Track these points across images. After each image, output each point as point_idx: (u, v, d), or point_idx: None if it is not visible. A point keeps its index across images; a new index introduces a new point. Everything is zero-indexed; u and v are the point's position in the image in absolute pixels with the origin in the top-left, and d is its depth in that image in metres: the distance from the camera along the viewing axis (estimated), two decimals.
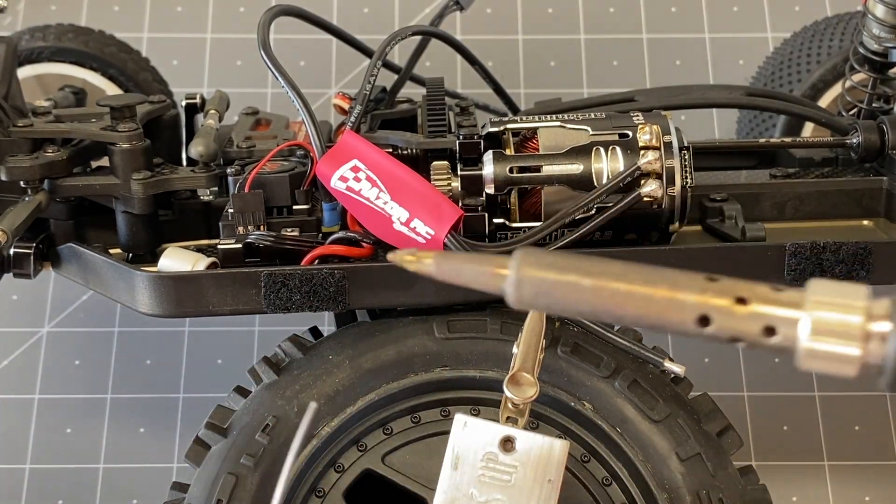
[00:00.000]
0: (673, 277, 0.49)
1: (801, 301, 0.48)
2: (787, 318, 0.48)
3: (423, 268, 0.53)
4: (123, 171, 0.99)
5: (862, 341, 0.47)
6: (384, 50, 1.02)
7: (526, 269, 0.49)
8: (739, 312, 0.48)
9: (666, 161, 0.91)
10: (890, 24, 1.03)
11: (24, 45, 1.25)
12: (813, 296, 0.48)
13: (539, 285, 0.49)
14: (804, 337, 0.47)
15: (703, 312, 0.48)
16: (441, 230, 0.88)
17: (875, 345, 0.47)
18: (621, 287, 0.49)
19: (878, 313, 0.48)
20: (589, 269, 0.49)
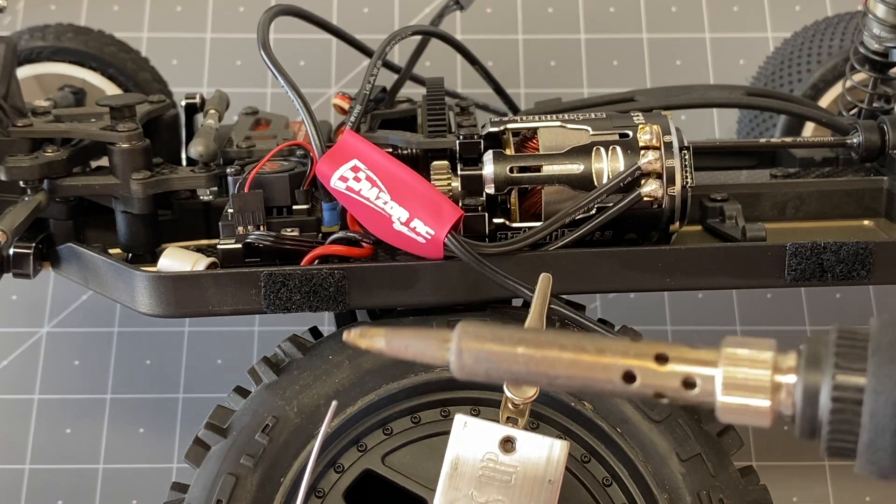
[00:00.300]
0: (600, 342, 0.53)
1: (716, 358, 0.51)
2: (703, 375, 0.51)
3: (373, 344, 0.57)
4: (123, 171, 0.99)
5: (770, 393, 0.50)
6: (384, 50, 1.02)
7: (466, 341, 0.54)
8: (660, 370, 0.51)
9: (666, 161, 0.91)
10: (890, 23, 1.03)
11: (23, 45, 1.24)
12: (725, 352, 0.51)
13: (478, 355, 0.53)
14: (719, 392, 0.51)
15: (628, 371, 0.52)
16: (441, 230, 0.88)
17: (783, 396, 0.50)
18: (552, 354, 0.53)
19: (785, 366, 0.50)
20: (523, 338, 0.53)
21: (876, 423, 0.48)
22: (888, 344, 0.49)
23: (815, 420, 0.50)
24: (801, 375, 0.50)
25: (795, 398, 0.50)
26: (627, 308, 1.33)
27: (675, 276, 0.93)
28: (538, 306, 0.75)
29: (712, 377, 0.51)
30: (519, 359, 0.53)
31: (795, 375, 0.50)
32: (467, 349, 0.54)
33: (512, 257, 0.91)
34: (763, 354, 0.51)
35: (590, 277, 0.92)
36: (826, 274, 0.92)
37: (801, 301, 1.34)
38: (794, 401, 0.50)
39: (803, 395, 0.50)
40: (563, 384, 0.53)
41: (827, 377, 0.49)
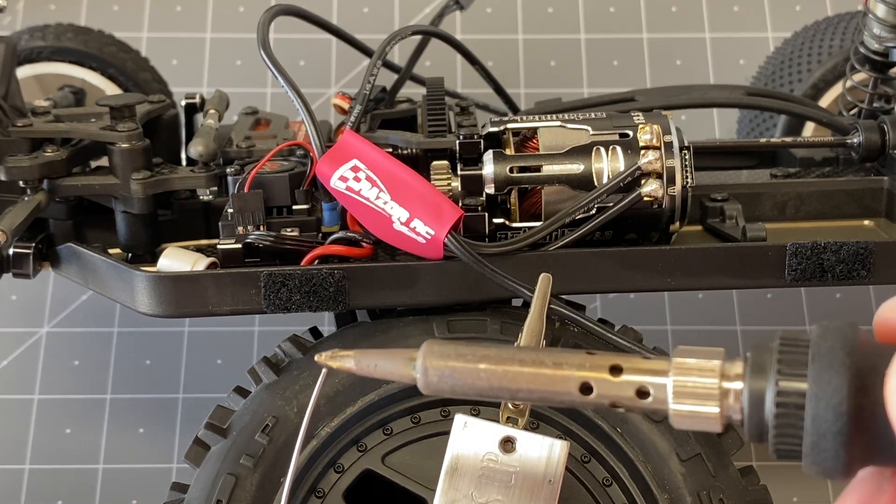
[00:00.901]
0: (557, 356, 0.56)
1: (667, 368, 0.54)
2: (656, 384, 0.54)
3: (343, 365, 0.61)
4: (123, 171, 0.98)
5: (719, 400, 0.53)
6: (384, 49, 1.02)
7: (430, 359, 0.57)
8: (615, 381, 0.54)
9: (666, 161, 0.91)
10: (891, 23, 1.03)
11: (23, 45, 1.24)
12: (675, 362, 0.54)
13: (442, 373, 0.57)
14: (670, 400, 0.53)
15: (585, 383, 0.55)
16: (441, 230, 0.88)
17: (732, 402, 0.53)
18: (513, 369, 0.56)
19: (732, 373, 0.53)
20: (485, 355, 0.56)
21: (817, 426, 0.50)
22: (827, 349, 0.51)
23: (763, 424, 0.52)
24: (747, 382, 0.52)
25: (743, 404, 0.52)
26: (627, 308, 1.33)
27: (676, 276, 0.92)
28: (538, 306, 0.75)
29: (664, 385, 0.54)
30: (481, 375, 0.56)
31: (742, 382, 0.53)
32: (432, 367, 0.57)
33: (512, 257, 0.90)
34: (711, 363, 0.54)
35: (590, 277, 0.92)
36: (826, 274, 0.92)
37: (802, 301, 1.34)
38: (742, 406, 0.52)
39: (749, 401, 0.52)
40: (524, 397, 0.56)
41: (771, 383, 0.52)
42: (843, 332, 0.52)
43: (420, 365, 0.57)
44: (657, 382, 0.54)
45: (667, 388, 0.54)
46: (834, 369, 0.50)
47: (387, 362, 0.59)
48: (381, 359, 0.60)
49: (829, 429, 0.50)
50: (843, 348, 0.51)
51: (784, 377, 0.51)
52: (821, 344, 0.52)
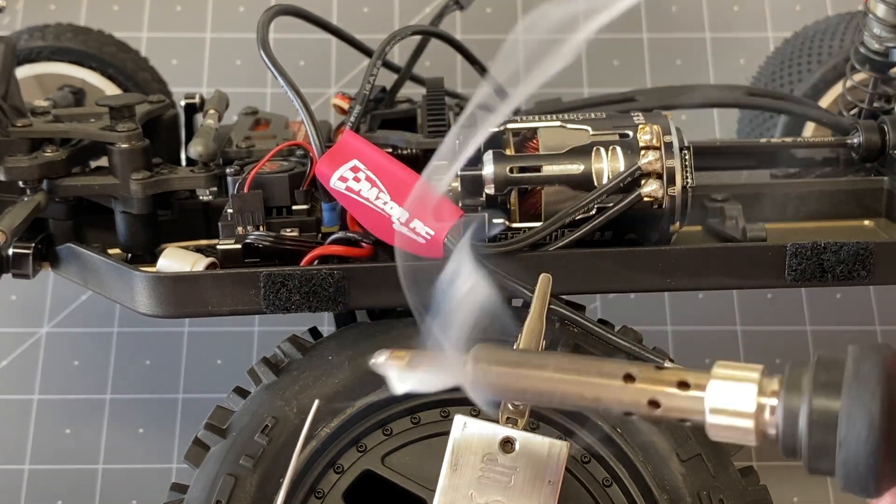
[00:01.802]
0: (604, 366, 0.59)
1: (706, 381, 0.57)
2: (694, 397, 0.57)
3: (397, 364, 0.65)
4: (122, 171, 0.98)
5: (755, 415, 0.55)
6: (384, 49, 1.02)
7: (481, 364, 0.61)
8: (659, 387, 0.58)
9: (666, 161, 0.91)
10: (891, 23, 1.03)
11: (22, 45, 1.24)
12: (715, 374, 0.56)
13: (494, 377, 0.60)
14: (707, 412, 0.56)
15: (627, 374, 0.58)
16: (441, 230, 0.88)
17: (767, 417, 0.55)
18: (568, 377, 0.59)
19: (769, 390, 0.55)
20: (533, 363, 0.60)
21: (849, 446, 0.51)
22: (863, 371, 0.52)
23: (796, 440, 0.53)
24: (782, 399, 0.54)
25: (777, 420, 0.54)
26: (627, 308, 1.33)
27: (676, 276, 0.92)
28: (538, 307, 0.75)
29: (701, 398, 0.56)
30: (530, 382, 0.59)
31: (777, 399, 0.54)
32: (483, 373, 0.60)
33: (512, 257, 0.90)
34: (749, 377, 0.56)
35: (590, 278, 0.92)
36: (826, 274, 0.92)
37: (802, 301, 1.34)
38: (777, 422, 0.54)
39: (784, 417, 0.54)
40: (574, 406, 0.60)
41: (805, 401, 0.53)
42: (880, 355, 0.53)
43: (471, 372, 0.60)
44: (695, 395, 0.56)
45: (704, 402, 0.55)
46: (869, 391, 0.51)
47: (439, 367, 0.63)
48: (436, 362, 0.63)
49: (861, 449, 0.51)
50: (878, 371, 0.52)
51: (819, 396, 0.53)
52: (857, 365, 0.52)
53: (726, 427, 0.55)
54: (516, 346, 0.74)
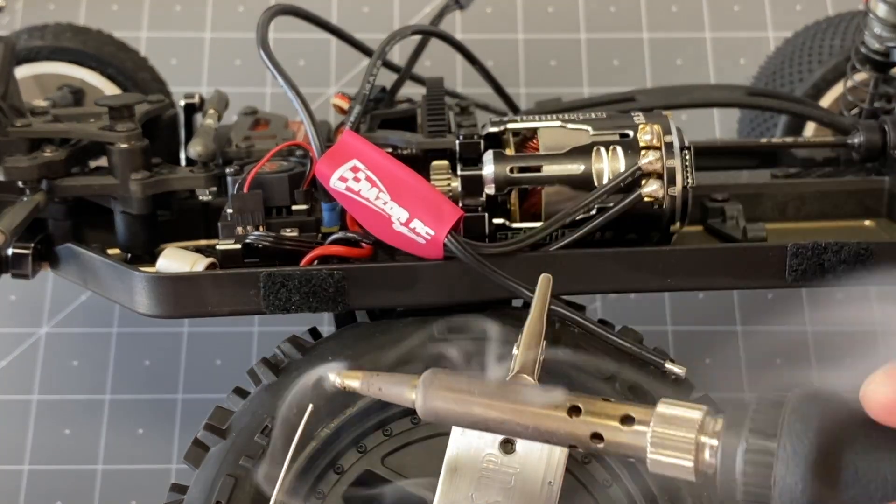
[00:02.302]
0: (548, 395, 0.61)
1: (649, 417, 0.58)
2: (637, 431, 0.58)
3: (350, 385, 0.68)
4: (122, 171, 0.98)
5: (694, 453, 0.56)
6: (384, 49, 1.02)
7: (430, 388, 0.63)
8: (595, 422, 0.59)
9: (667, 161, 0.91)
10: (892, 23, 1.03)
11: (22, 45, 1.24)
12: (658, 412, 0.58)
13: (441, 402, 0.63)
14: (648, 448, 0.57)
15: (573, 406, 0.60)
16: (441, 230, 0.88)
17: (707, 456, 0.56)
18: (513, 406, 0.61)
19: (710, 429, 0.56)
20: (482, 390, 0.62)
21: (782, 486, 0.52)
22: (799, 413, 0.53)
23: (733, 480, 0.55)
24: (722, 438, 0.55)
25: (716, 459, 0.56)
26: (628, 308, 1.33)
27: (676, 276, 0.92)
28: (538, 307, 0.75)
29: (644, 433, 0.57)
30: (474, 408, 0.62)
31: (717, 439, 0.56)
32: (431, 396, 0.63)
33: (512, 258, 0.90)
34: (692, 415, 0.57)
35: (590, 278, 0.92)
36: (827, 274, 0.92)
37: (802, 302, 1.33)
38: (716, 461, 0.56)
39: (722, 456, 0.55)
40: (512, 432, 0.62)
41: (743, 440, 0.54)
42: (817, 400, 0.54)
43: (420, 394, 0.62)
44: (638, 430, 0.58)
45: (646, 437, 0.57)
46: (804, 433, 0.52)
47: (390, 386, 0.65)
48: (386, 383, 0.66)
49: (794, 490, 0.52)
50: (814, 415, 0.53)
51: (756, 436, 0.54)
52: (794, 408, 0.54)
53: (666, 464, 0.57)
54: (516, 347, 0.74)
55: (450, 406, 0.62)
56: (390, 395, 0.65)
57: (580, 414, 0.60)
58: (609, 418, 0.59)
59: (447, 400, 0.62)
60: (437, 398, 0.62)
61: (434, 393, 0.62)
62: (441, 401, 0.62)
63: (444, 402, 0.62)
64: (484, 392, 0.62)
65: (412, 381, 0.63)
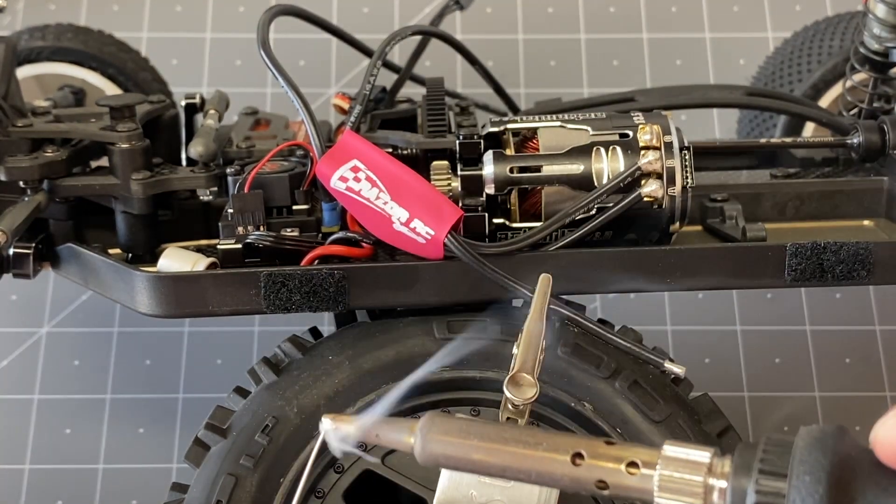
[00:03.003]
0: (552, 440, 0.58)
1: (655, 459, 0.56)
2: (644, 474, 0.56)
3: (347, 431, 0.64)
4: (123, 171, 0.98)
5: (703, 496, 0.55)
6: (384, 50, 1.02)
7: (429, 434, 0.60)
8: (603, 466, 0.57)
9: (666, 161, 0.91)
10: (891, 23, 1.03)
11: (23, 45, 1.24)
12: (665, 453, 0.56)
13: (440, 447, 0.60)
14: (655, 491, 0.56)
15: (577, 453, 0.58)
16: (441, 230, 0.88)
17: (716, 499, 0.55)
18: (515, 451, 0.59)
19: (719, 470, 0.55)
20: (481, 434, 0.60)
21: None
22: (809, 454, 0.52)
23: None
24: (731, 480, 0.54)
25: (725, 501, 0.55)
26: (627, 308, 1.33)
27: (676, 276, 0.92)
28: (538, 306, 0.75)
29: (651, 478, 0.56)
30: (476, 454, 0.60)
31: (726, 480, 0.55)
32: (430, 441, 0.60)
33: (512, 257, 0.90)
34: (700, 456, 0.56)
35: (590, 277, 0.92)
36: (826, 274, 0.92)
37: (802, 301, 1.34)
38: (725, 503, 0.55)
39: (732, 499, 0.54)
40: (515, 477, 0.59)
41: (752, 482, 0.53)
42: (826, 440, 0.53)
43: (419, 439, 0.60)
44: (645, 474, 0.56)
45: (653, 481, 0.56)
46: (815, 475, 0.51)
47: (387, 432, 0.62)
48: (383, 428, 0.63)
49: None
50: (825, 456, 0.52)
51: (766, 478, 0.53)
52: (804, 448, 0.53)
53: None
54: (516, 346, 0.74)
55: (449, 453, 0.60)
56: (388, 441, 0.63)
57: (583, 459, 0.58)
58: (614, 462, 0.57)
59: (446, 446, 0.60)
60: (435, 445, 0.61)
61: (433, 438, 0.60)
62: (440, 447, 0.60)
63: (443, 449, 0.60)
64: (484, 437, 0.60)
65: (411, 427, 0.62)
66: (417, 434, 0.61)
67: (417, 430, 0.61)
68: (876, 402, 1.27)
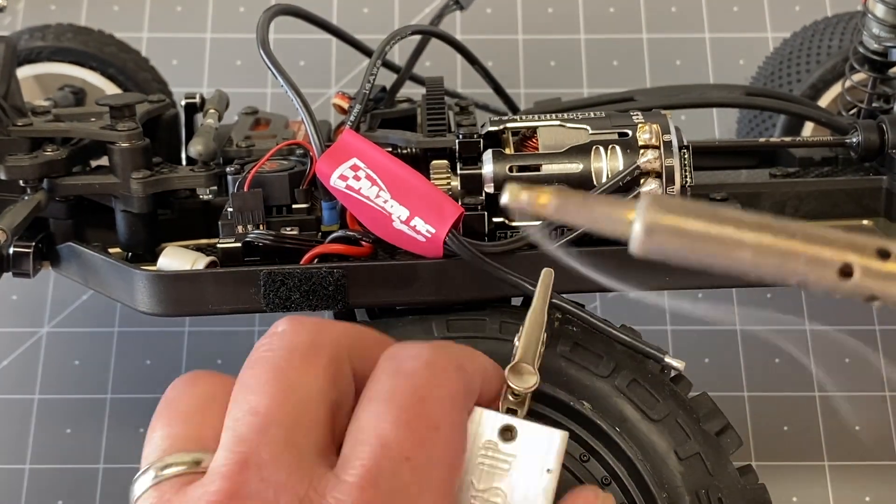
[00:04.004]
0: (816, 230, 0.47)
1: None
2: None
3: (539, 209, 0.50)
4: (123, 170, 0.99)
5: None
6: (384, 49, 1.02)
7: (657, 216, 0.47)
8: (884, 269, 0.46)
9: (665, 160, 0.91)
10: (890, 23, 1.03)
11: (23, 45, 1.24)
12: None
13: (669, 233, 0.47)
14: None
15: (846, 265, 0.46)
16: (442, 228, 0.88)
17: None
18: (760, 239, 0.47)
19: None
20: (724, 217, 0.47)
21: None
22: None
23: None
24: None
25: None
26: (627, 308, 1.33)
27: (675, 275, 0.93)
28: (540, 300, 0.76)
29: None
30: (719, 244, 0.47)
31: None
32: (658, 226, 0.47)
33: (512, 256, 0.91)
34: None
35: (589, 277, 0.92)
36: None
37: (802, 301, 1.34)
38: None
39: None
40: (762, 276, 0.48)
41: None
42: None
43: (641, 223, 0.47)
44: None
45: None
46: None
47: (599, 210, 0.49)
48: (593, 205, 0.49)
49: None
50: None
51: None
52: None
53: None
54: (517, 338, 0.74)
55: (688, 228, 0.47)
56: (596, 219, 0.49)
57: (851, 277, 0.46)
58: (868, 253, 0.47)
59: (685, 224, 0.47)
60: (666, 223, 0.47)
61: (663, 218, 0.47)
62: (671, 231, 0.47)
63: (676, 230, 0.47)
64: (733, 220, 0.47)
65: (629, 206, 0.48)
66: (642, 210, 0.48)
67: (641, 207, 0.48)
68: (875, 401, 1.27)
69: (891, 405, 1.27)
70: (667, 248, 0.48)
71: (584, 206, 0.49)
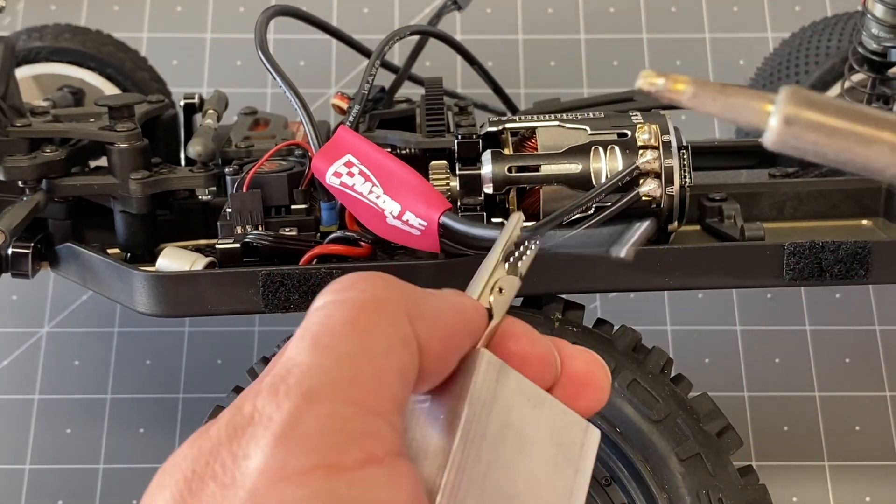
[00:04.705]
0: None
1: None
2: None
3: (674, 95, 0.49)
4: (122, 171, 0.99)
5: None
6: (382, 50, 1.02)
7: (796, 108, 0.47)
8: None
9: (665, 160, 0.91)
10: (889, 23, 1.03)
11: (21, 46, 1.24)
12: None
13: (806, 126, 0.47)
14: None
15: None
16: (432, 219, 0.87)
17: None
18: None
19: None
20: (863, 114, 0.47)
21: None
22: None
23: None
24: None
25: None
26: (627, 308, 1.33)
27: (674, 275, 0.92)
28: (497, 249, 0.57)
29: None
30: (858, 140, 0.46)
31: None
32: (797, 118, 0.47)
33: None
34: None
35: (589, 277, 0.92)
36: (824, 273, 0.92)
37: (801, 301, 1.34)
38: None
39: None
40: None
41: None
42: None
43: (781, 114, 0.46)
44: None
45: None
46: None
47: (736, 100, 0.48)
48: (731, 96, 0.48)
49: None
50: None
51: None
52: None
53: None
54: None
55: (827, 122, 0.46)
56: (732, 107, 0.48)
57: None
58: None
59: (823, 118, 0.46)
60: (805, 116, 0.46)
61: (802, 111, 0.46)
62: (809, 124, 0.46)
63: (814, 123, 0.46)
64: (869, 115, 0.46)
65: (767, 97, 0.47)
66: (780, 102, 0.47)
67: (780, 98, 0.47)
68: (875, 401, 1.27)
69: (891, 405, 1.27)
70: (803, 140, 0.47)
71: (722, 94, 0.48)
